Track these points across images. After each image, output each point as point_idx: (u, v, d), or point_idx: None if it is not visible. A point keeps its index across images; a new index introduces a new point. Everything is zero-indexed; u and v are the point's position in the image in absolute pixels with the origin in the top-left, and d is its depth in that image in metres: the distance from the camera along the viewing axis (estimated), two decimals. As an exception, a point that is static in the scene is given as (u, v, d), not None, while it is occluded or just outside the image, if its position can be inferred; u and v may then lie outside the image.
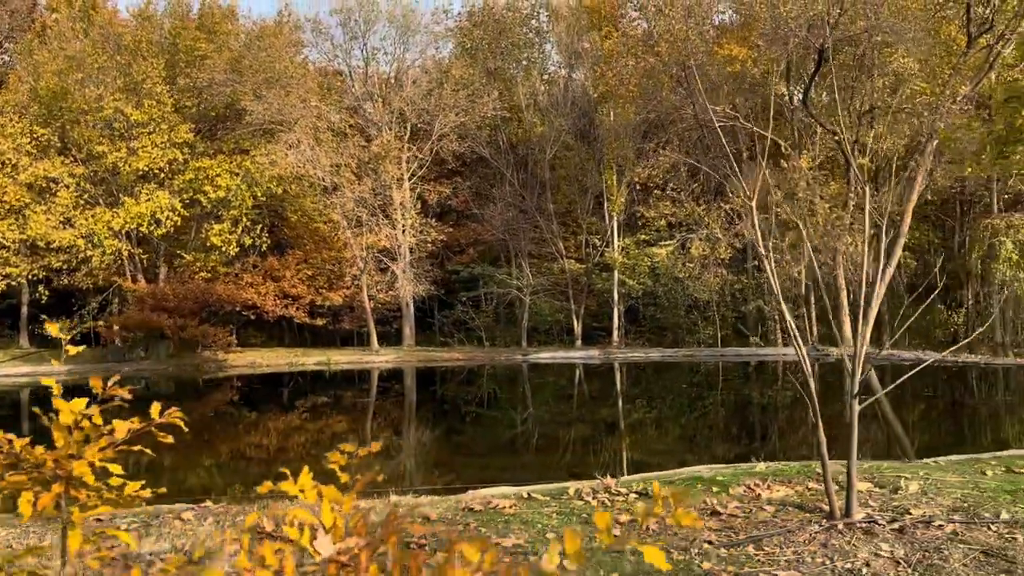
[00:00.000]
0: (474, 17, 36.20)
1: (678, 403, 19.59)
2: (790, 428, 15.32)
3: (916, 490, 5.81)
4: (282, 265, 31.82)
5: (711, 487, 6.07)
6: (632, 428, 15.35)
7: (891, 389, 6.58)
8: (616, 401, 19.70)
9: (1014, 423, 13.49)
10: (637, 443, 13.47)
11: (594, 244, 35.70)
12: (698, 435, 14.84)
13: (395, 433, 15.86)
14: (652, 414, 17.74)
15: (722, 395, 21.21)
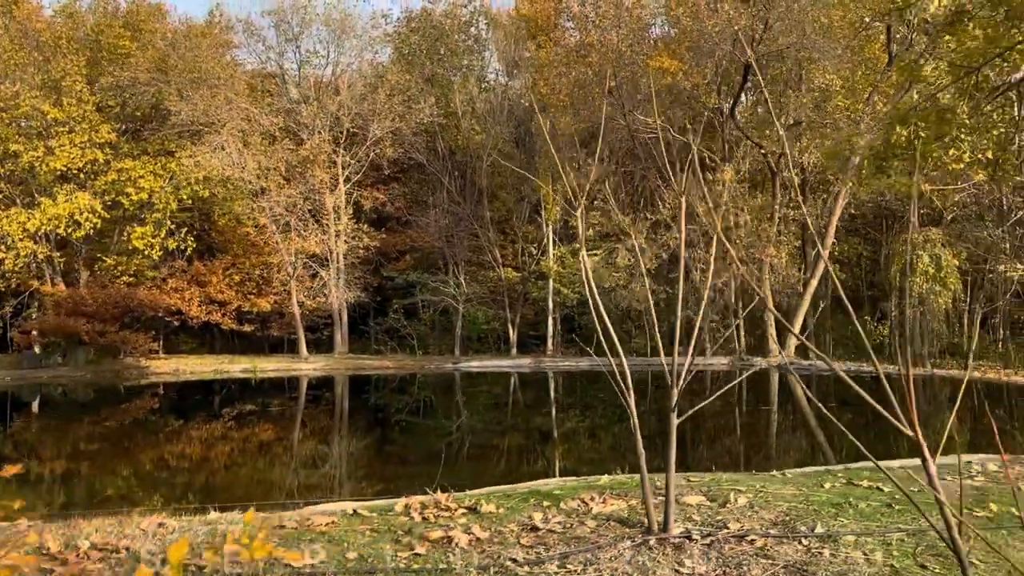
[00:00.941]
0: (411, 23, 36.02)
1: (601, 412, 19.59)
2: (704, 438, 15.40)
3: (744, 503, 5.77)
4: (209, 270, 31.13)
5: (543, 501, 5.95)
6: (545, 436, 15.27)
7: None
8: (534, 410, 19.64)
9: (898, 434, 13.65)
10: (550, 451, 13.40)
11: (530, 253, 35.73)
12: (620, 444, 14.82)
13: (301, 442, 15.52)
14: (570, 423, 17.69)
15: (642, 404, 21.23)
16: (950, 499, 6.27)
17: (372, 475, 11.14)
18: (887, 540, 5.14)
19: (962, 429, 15.79)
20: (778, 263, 28.15)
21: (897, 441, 14.69)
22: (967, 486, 6.65)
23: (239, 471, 12.12)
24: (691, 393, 21.87)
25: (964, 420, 17.18)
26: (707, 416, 18.04)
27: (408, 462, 12.87)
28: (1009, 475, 6.84)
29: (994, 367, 29.13)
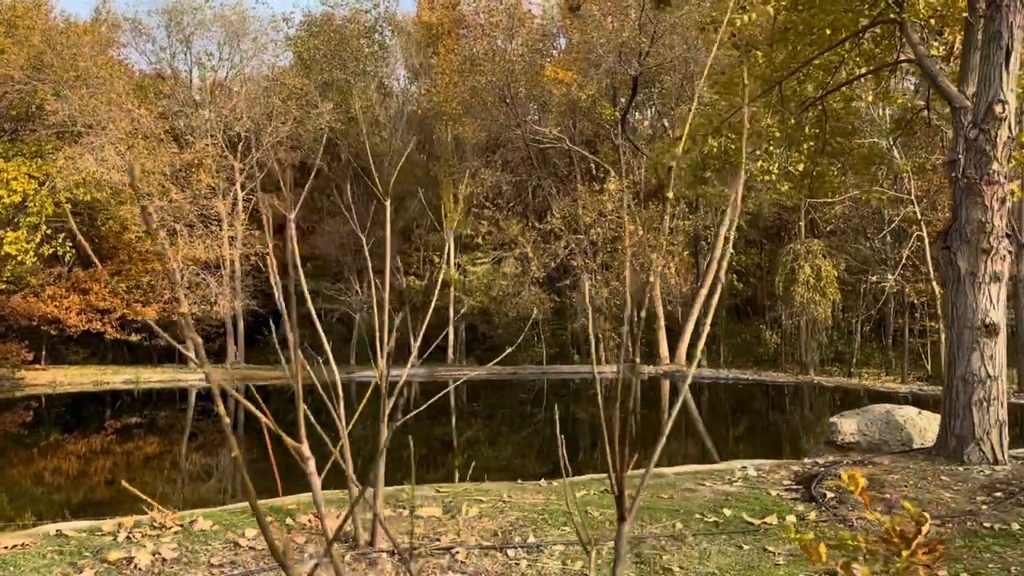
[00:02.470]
0: (312, 27, 35.48)
1: (460, 421, 19.49)
2: (538, 446, 15.42)
3: (475, 514, 5.68)
4: (91, 277, 29.89)
5: (276, 516, 5.75)
6: (420, 445, 15.01)
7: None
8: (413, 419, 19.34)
9: (745, 438, 13.98)
10: (415, 460, 13.14)
11: (433, 261, 35.51)
12: (474, 454, 14.71)
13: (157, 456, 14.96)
14: (435, 432, 17.53)
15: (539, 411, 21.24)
16: (696, 503, 6.33)
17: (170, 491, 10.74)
18: (599, 549, 5.11)
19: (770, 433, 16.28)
20: (668, 273, 28.61)
21: (739, 446, 15.03)
22: (722, 490, 6.72)
23: (32, 487, 11.55)
24: (587, 400, 21.84)
25: (795, 425, 17.76)
26: (573, 423, 18.12)
27: (263, 474, 12.46)
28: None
29: (876, 375, 30.25)
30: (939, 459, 7.32)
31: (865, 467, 7.15)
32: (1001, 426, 7.15)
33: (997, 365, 7.19)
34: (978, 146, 7.16)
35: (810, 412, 19.64)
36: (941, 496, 6.35)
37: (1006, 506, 6.07)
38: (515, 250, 26.23)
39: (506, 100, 28.11)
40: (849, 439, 7.86)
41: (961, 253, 7.31)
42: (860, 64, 9.50)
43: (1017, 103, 7.46)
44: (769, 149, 9.86)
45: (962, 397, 7.22)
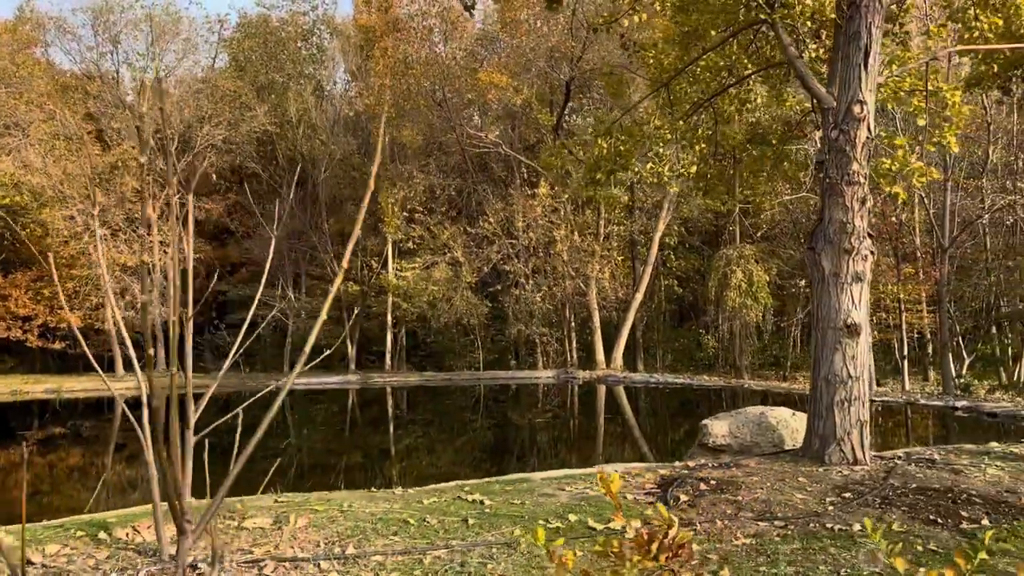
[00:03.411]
0: (246, 28, 34.89)
1: (383, 429, 19.21)
2: (482, 453, 15.22)
3: (303, 524, 5.45)
4: (10, 283, 28.90)
5: (99, 532, 5.43)
6: (330, 454, 14.70)
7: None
8: (328, 427, 19.03)
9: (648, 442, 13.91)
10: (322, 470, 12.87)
11: (371, 266, 35.09)
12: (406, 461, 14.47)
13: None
14: (364, 440, 17.23)
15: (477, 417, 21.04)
16: (547, 509, 6.17)
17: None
18: (421, 559, 4.92)
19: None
20: (603, 278, 28.64)
21: (629, 449, 14.94)
22: (581, 495, 6.57)
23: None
24: (523, 407, 21.63)
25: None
26: (480, 429, 17.98)
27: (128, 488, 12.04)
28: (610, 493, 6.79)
29: (807, 377, 30.65)
30: (803, 460, 7.29)
31: (728, 469, 7.08)
32: (862, 426, 7.14)
33: (859, 365, 7.18)
34: (838, 147, 7.16)
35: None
36: (792, 498, 6.29)
37: (852, 507, 6.03)
38: (446, 255, 25.99)
39: (440, 103, 27.91)
40: (720, 441, 7.80)
41: (825, 254, 7.30)
42: (746, 66, 9.50)
43: (878, 103, 7.48)
44: (659, 151, 9.82)
45: (824, 398, 7.20)
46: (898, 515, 5.85)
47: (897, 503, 6.10)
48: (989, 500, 6.30)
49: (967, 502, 6.21)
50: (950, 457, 8.09)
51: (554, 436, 15.59)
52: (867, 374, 7.26)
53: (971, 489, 6.57)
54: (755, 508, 6.04)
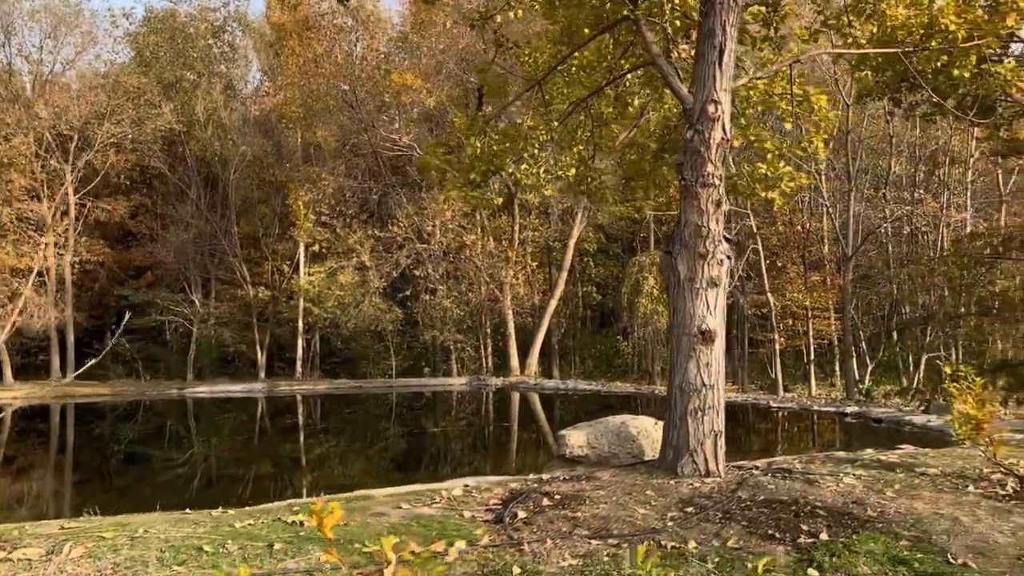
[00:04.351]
0: (152, 23, 33.53)
1: (272, 439, 18.51)
2: (363, 461, 14.67)
3: (78, 554, 4.87)
4: None
5: None
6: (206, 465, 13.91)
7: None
8: (215, 438, 18.18)
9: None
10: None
11: (282, 271, 34.04)
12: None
13: None
14: (242, 452, 16.44)
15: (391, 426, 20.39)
16: (372, 531, 5.72)
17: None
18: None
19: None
20: (517, 283, 28.36)
21: (488, 460, 14.61)
22: (416, 513, 6.14)
23: None
24: (437, 415, 21.04)
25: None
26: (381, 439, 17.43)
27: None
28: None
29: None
30: (657, 472, 7.02)
31: (578, 482, 6.76)
32: (716, 436, 6.91)
33: (713, 373, 6.96)
34: (693, 148, 6.93)
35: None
36: (634, 513, 6.00)
37: (692, 522, 5.76)
38: (353, 259, 25.30)
39: (352, 105, 27.24)
40: (578, 452, 7.49)
41: (681, 258, 7.07)
42: (622, 66, 9.27)
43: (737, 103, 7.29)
44: (535, 152, 9.50)
45: (679, 407, 6.96)
46: (736, 530, 5.60)
47: (739, 517, 5.85)
48: (834, 512, 6.12)
49: (811, 515, 6.01)
50: (811, 466, 7.95)
51: (440, 447, 15.16)
52: (722, 382, 7.04)
53: (819, 501, 6.38)
54: (592, 525, 5.72)
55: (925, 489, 7.38)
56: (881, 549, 5.46)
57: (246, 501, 7.58)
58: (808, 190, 28.57)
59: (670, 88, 7.60)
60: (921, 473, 8.31)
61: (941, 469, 8.58)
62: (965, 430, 7.80)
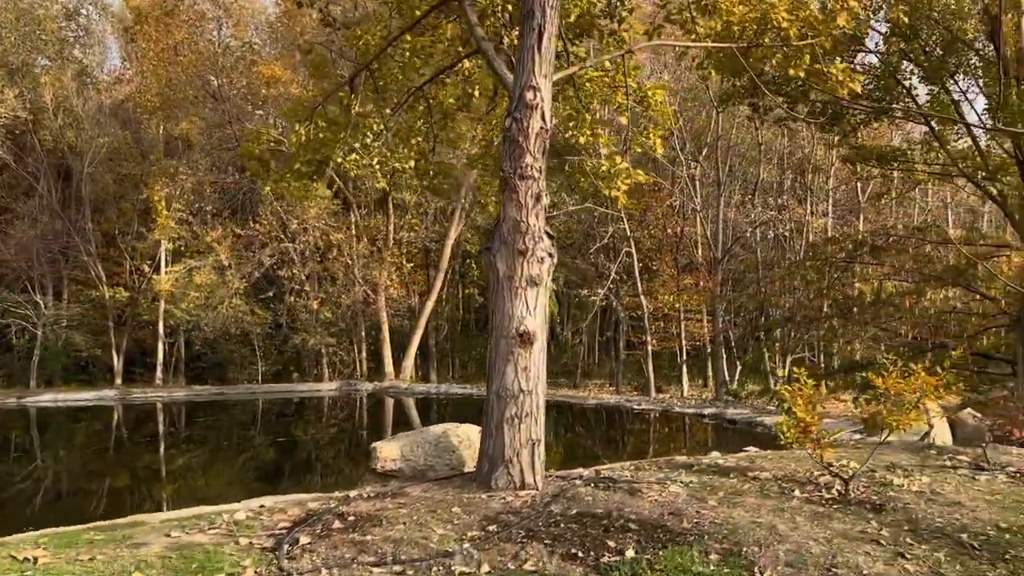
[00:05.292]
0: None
1: (193, 446, 17.20)
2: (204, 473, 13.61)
3: None
4: None
5: None
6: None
7: None
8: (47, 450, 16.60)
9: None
10: None
11: (142, 270, 31.90)
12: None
13: None
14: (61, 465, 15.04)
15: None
16: (120, 565, 4.94)
17: None
18: None
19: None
20: (392, 285, 27.54)
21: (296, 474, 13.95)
22: (185, 541, 5.39)
23: None
24: (295, 422, 19.62)
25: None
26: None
27: None
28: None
29: (601, 385, 31.07)
30: (471, 485, 6.51)
31: (383, 499, 6.17)
32: (534, 445, 6.46)
33: (532, 378, 6.51)
34: (511, 137, 6.48)
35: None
36: (432, 534, 5.44)
37: (492, 542, 5.26)
38: (210, 258, 23.85)
39: (215, 96, 25.76)
40: (390, 466, 6.90)
41: (500, 255, 6.60)
42: (459, 52, 8.77)
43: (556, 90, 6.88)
44: (366, 142, 8.86)
45: (495, 414, 6.48)
46: (537, 550, 5.14)
47: (543, 535, 5.40)
48: (648, 525, 5.76)
49: (622, 529, 5.63)
50: (642, 473, 7.65)
51: (284, 458, 14.27)
52: (542, 388, 6.60)
53: (635, 513, 6.02)
54: (381, 550, 5.12)
55: (750, 495, 7.18)
56: (687, 565, 5.12)
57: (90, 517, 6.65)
58: (680, 195, 29.09)
59: (495, 74, 7.13)
60: (753, 478, 8.15)
61: (774, 473, 8.47)
62: (792, 433, 7.67)
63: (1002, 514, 7.12)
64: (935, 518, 6.83)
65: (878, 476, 8.37)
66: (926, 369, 7.66)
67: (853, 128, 14.97)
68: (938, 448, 10.33)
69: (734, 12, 8.58)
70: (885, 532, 6.26)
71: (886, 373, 7.99)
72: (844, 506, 7.05)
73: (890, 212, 31.70)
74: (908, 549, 5.90)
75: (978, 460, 9.26)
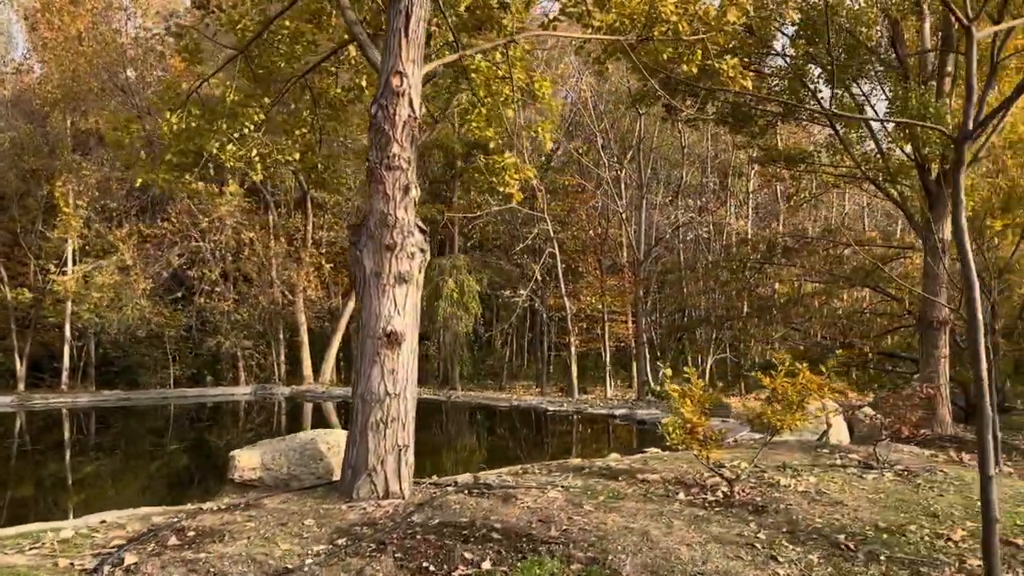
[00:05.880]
0: None
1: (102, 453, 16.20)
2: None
3: None
4: None
5: None
6: None
7: None
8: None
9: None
10: None
11: (48, 270, 30.36)
12: None
13: None
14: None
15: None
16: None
17: None
18: None
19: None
20: (309, 286, 26.81)
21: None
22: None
23: None
24: (220, 427, 18.51)
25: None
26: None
27: None
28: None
29: (527, 387, 30.87)
30: (333, 495, 6.13)
31: (232, 512, 5.74)
32: (400, 452, 6.12)
33: (399, 380, 6.17)
34: (377, 125, 6.13)
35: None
36: (275, 550, 5.05)
37: (339, 557, 4.90)
38: (113, 257, 22.78)
39: (123, 88, 24.67)
40: (250, 475, 6.46)
41: (367, 251, 6.24)
42: (344, 40, 8.37)
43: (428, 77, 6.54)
44: (244, 132, 8.40)
45: (360, 420, 6.11)
46: (385, 565, 4.79)
47: (395, 548, 5.05)
48: (512, 534, 5.48)
49: (483, 539, 5.33)
50: (525, 478, 7.39)
51: (180, 466, 13.59)
52: (411, 391, 6.26)
53: (501, 521, 5.73)
54: (213, 569, 4.71)
55: (632, 499, 6.97)
56: (546, 575, 4.86)
57: None
58: (604, 197, 29.11)
59: (368, 61, 6.77)
60: (642, 480, 7.97)
61: (663, 475, 8.31)
62: (678, 434, 7.52)
63: (882, 513, 7.08)
64: (815, 519, 6.74)
65: (767, 477, 8.29)
66: (811, 368, 7.61)
67: (761, 129, 15.06)
68: (832, 447, 10.37)
69: (627, 5, 8.42)
70: (762, 535, 6.13)
71: (774, 373, 7.93)
72: (726, 508, 6.91)
73: (808, 215, 32.36)
74: (782, 552, 5.76)
75: (868, 459, 9.30)
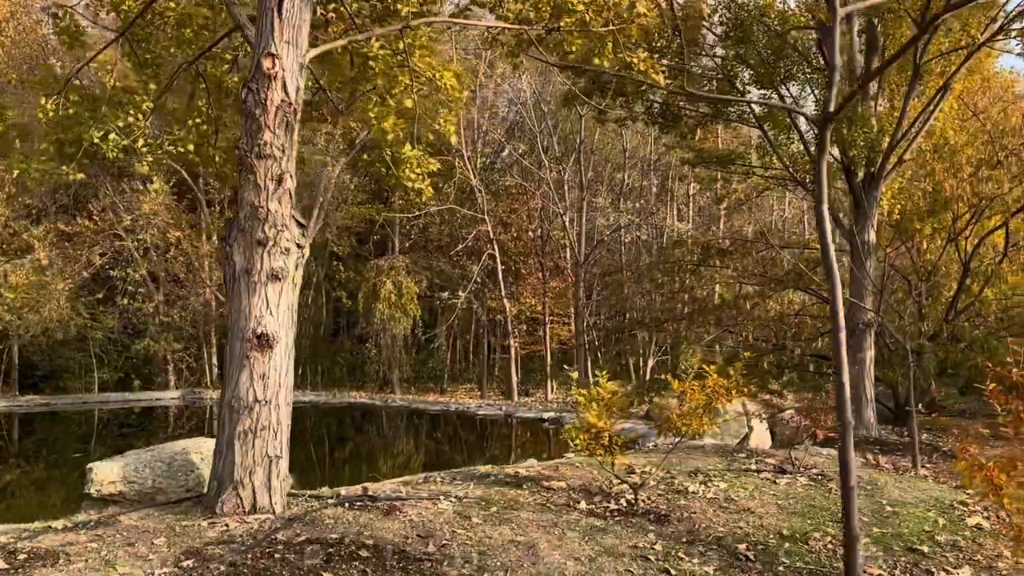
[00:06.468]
0: None
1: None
2: None
3: None
4: None
5: None
6: None
7: None
8: None
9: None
10: None
11: (-34, 270, 28.99)
12: None
13: None
14: None
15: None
16: None
17: None
18: None
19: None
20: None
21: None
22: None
23: None
24: (146, 431, 17.58)
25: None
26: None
27: None
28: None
29: (469, 390, 30.46)
30: (197, 510, 5.67)
31: (78, 531, 5.23)
32: (271, 463, 5.68)
33: (271, 386, 5.73)
34: (247, 110, 5.70)
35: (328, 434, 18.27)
36: (111, 574, 4.58)
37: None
38: (28, 257, 21.77)
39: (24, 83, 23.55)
40: (110, 490, 5.96)
41: (237, 246, 5.80)
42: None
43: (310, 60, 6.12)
44: (129, 120, 7.87)
45: (227, 429, 5.66)
46: (230, 589, 4.37)
47: (247, 570, 4.62)
48: (386, 551, 5.08)
49: (350, 557, 4.92)
50: (418, 488, 7.00)
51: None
52: (284, 397, 5.83)
53: (375, 537, 5.33)
54: (34, 597, 4.23)
55: (527, 510, 6.63)
56: (410, 597, 4.48)
57: None
58: (545, 199, 28.87)
59: (244, 38, 6.32)
60: (547, 488, 7.63)
61: (571, 482, 7.99)
62: (582, 439, 7.23)
63: (789, 520, 6.88)
64: (718, 527, 6.49)
65: (677, 483, 8.03)
66: (719, 371, 7.38)
67: (690, 130, 14.91)
68: (750, 452, 10.19)
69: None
70: (659, 545, 5.84)
71: (683, 376, 7.70)
72: (627, 518, 6.62)
73: (748, 218, 32.58)
74: (676, 564, 5.49)
75: (784, 463, 9.13)
